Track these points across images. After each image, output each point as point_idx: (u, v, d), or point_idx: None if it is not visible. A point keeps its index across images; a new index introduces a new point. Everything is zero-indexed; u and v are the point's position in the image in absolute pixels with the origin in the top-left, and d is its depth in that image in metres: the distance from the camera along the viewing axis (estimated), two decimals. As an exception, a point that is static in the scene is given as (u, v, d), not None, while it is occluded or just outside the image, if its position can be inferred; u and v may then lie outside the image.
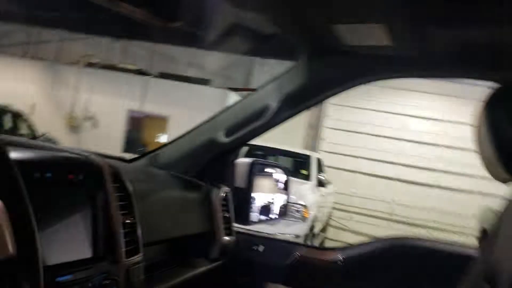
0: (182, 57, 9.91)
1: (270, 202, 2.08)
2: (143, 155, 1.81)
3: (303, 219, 5.94)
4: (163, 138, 9.74)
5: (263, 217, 2.01)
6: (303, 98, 1.61)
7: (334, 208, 8.73)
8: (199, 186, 1.66)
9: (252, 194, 1.89)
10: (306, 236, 6.08)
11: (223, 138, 1.66)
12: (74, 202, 0.95)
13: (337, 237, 8.78)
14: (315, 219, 6.44)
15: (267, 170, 2.08)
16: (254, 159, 1.93)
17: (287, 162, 7.51)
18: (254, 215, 1.91)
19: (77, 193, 0.96)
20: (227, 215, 1.68)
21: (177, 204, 1.48)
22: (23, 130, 8.01)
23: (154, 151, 1.79)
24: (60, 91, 9.99)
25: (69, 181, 0.93)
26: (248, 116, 1.63)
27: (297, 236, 5.69)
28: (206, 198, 1.63)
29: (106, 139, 9.51)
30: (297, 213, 5.84)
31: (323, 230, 8.06)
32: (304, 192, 6.29)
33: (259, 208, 1.97)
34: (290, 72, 1.58)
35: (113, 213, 1.02)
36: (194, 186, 1.66)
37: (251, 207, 1.91)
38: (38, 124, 8.48)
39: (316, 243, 7.15)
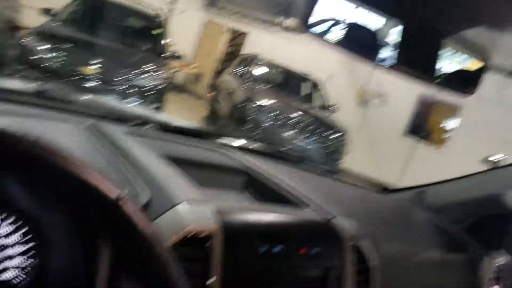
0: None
1: None
2: (407, 188, 1.59)
3: None
4: (450, 127, 9.01)
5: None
6: None
7: None
8: (466, 247, 1.36)
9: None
10: None
11: (512, 199, 1.30)
12: (301, 276, 0.84)
13: None
14: None
15: None
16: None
17: None
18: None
19: (307, 267, 0.85)
20: (496, 292, 1.34)
21: (433, 272, 1.23)
22: (317, 99, 8.59)
23: (422, 187, 1.55)
24: (357, 64, 10.26)
25: (300, 255, 0.82)
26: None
27: None
28: (474, 265, 1.32)
29: (391, 119, 9.40)
30: None
31: None
32: None
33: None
34: None
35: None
36: (461, 246, 1.36)
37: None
38: (330, 94, 8.95)
39: None
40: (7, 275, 0.65)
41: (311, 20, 1.13)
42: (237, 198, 1.01)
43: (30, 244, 0.66)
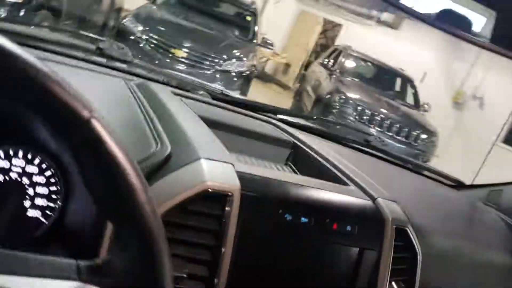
0: None
1: None
2: (482, 185, 1.46)
3: None
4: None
5: None
6: None
7: None
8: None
9: None
10: None
11: None
12: (332, 253, 0.79)
13: None
14: None
15: None
16: None
17: None
18: None
19: (340, 244, 0.80)
20: None
21: (494, 275, 1.12)
22: (409, 97, 8.19)
23: (498, 185, 1.41)
24: (454, 63, 9.65)
25: (333, 230, 0.77)
26: None
27: None
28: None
29: (487, 124, 8.72)
30: None
31: None
32: None
33: None
34: None
35: (382, 280, 0.82)
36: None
37: None
38: (423, 93, 8.50)
39: None
40: (34, 213, 0.68)
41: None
42: (275, 167, 0.99)
43: (54, 187, 0.69)
